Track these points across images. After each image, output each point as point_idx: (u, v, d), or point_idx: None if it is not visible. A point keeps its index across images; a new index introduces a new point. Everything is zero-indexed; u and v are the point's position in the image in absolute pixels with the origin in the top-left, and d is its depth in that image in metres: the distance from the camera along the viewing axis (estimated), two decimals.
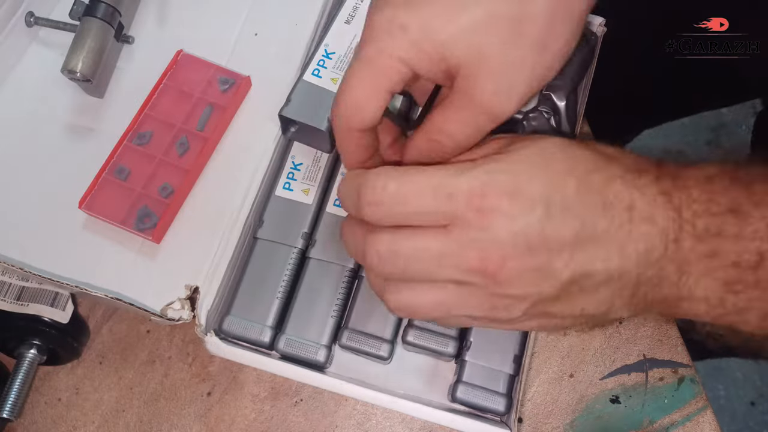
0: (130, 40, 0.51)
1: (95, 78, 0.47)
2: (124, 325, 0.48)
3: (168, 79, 0.49)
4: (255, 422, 0.46)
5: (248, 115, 0.50)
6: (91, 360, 0.47)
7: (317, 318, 0.42)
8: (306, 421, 0.46)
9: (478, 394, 0.41)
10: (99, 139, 0.48)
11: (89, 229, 0.46)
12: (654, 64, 0.61)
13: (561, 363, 0.47)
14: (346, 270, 0.43)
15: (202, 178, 0.48)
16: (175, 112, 0.48)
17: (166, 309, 0.43)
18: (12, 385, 0.44)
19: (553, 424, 0.45)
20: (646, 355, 0.47)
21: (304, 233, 0.44)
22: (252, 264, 0.44)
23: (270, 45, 0.52)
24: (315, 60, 0.45)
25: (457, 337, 0.42)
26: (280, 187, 0.46)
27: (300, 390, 0.46)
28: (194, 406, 0.46)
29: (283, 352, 0.42)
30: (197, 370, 0.47)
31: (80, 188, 0.45)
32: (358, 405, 0.46)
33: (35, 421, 0.46)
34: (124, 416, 0.46)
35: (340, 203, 0.34)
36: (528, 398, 0.46)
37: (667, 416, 0.46)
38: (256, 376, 0.46)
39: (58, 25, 0.50)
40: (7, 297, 0.45)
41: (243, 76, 0.49)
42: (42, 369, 0.46)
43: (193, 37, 0.52)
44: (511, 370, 0.41)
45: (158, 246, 0.46)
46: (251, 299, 0.43)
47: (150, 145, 0.47)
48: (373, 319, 0.42)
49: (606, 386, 0.46)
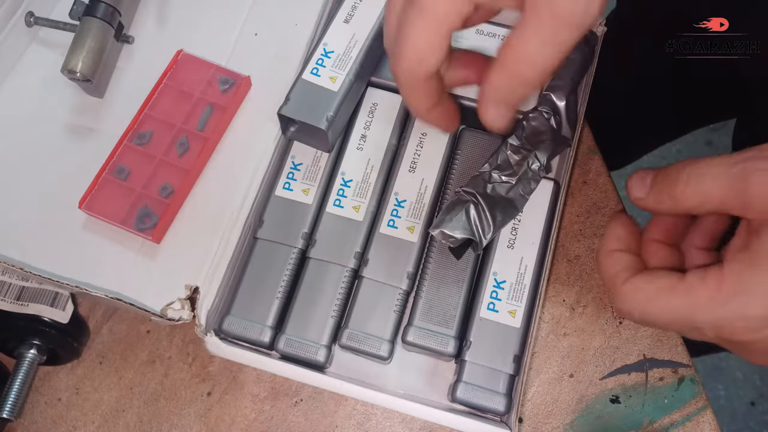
0: (130, 40, 0.51)
1: (95, 78, 0.47)
2: (124, 325, 0.48)
3: (168, 79, 0.49)
4: (255, 422, 0.46)
5: (248, 115, 0.50)
6: (91, 360, 0.47)
7: (317, 318, 0.42)
8: (306, 421, 0.46)
9: (478, 394, 0.41)
10: (99, 139, 0.48)
11: (89, 229, 0.46)
12: (654, 64, 0.61)
13: (561, 363, 0.47)
14: (346, 270, 0.43)
15: (202, 178, 0.48)
16: (175, 112, 0.48)
17: (166, 309, 0.43)
18: (12, 385, 0.44)
19: (553, 424, 0.45)
20: (646, 355, 0.47)
21: (304, 233, 0.44)
22: (252, 264, 0.44)
23: (270, 45, 0.52)
24: (314, 59, 0.45)
25: (456, 337, 0.42)
26: (280, 187, 0.46)
27: (300, 390, 0.46)
28: (194, 406, 0.46)
29: (283, 352, 0.42)
30: (197, 370, 0.47)
31: (80, 188, 0.45)
32: (358, 405, 0.46)
33: (35, 421, 0.46)
34: (124, 416, 0.46)
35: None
36: (528, 398, 0.46)
37: (667, 416, 0.46)
38: (256, 376, 0.46)
39: (58, 25, 0.50)
40: (7, 297, 0.45)
41: (243, 76, 0.49)
42: (42, 369, 0.46)
43: (193, 37, 0.52)
44: (512, 370, 0.41)
45: (158, 246, 0.46)
46: (251, 299, 0.43)
47: (150, 145, 0.47)
48: (373, 319, 0.42)
49: (606, 386, 0.46)
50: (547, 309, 0.48)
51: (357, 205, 0.45)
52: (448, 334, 0.42)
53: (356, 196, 0.45)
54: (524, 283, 0.43)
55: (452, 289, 0.43)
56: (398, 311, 0.43)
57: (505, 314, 0.42)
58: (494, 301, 0.43)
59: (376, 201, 0.45)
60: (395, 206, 0.45)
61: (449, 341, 0.42)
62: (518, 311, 0.42)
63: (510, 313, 0.42)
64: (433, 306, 0.43)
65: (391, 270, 0.43)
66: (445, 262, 0.44)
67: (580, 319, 0.48)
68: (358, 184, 0.45)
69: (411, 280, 0.43)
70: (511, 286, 0.43)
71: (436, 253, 0.44)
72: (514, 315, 0.42)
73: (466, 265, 0.44)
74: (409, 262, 0.43)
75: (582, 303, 0.48)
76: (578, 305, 0.48)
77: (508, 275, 0.43)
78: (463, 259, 0.43)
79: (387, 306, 0.43)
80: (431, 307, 0.43)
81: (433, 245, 0.44)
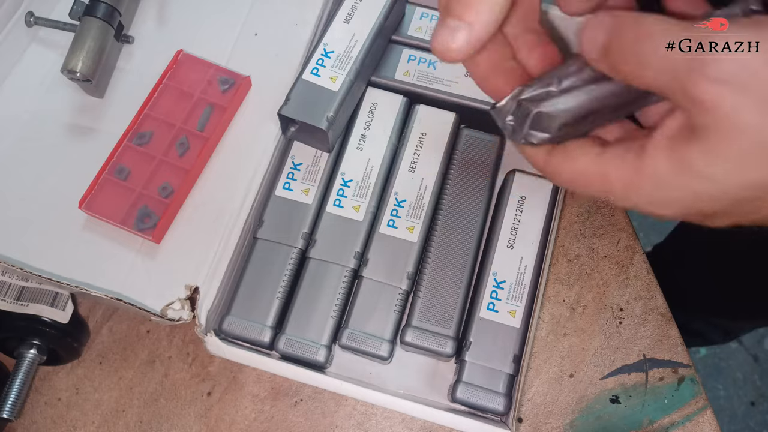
0: (130, 40, 0.51)
1: (95, 78, 0.47)
2: (124, 325, 0.48)
3: (168, 79, 0.49)
4: (255, 422, 0.46)
5: (248, 115, 0.50)
6: (91, 360, 0.47)
7: (317, 318, 0.42)
8: (306, 421, 0.46)
9: (477, 394, 0.41)
10: (99, 139, 0.48)
11: (89, 229, 0.46)
12: None
13: (561, 363, 0.47)
14: (346, 270, 0.43)
15: (202, 178, 0.48)
16: (175, 112, 0.48)
17: (166, 309, 0.43)
18: (12, 385, 0.44)
19: (553, 424, 0.45)
20: (646, 355, 0.47)
21: (304, 233, 0.44)
22: (252, 264, 0.44)
23: (270, 45, 0.52)
24: (314, 59, 0.45)
25: (455, 337, 0.42)
26: (280, 187, 0.46)
27: (300, 390, 0.46)
28: (194, 406, 0.46)
29: (283, 352, 0.42)
30: (197, 370, 0.47)
31: (80, 188, 0.45)
32: (358, 405, 0.46)
33: (35, 421, 0.46)
34: (124, 416, 0.46)
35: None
36: (528, 398, 0.46)
37: (667, 416, 0.46)
38: (256, 376, 0.46)
39: (58, 25, 0.50)
40: (7, 297, 0.45)
41: (243, 76, 0.49)
42: (42, 369, 0.46)
43: (193, 37, 0.52)
44: (511, 370, 0.41)
45: (158, 246, 0.46)
46: (251, 299, 0.43)
47: (150, 145, 0.47)
48: (373, 319, 0.42)
49: (606, 386, 0.46)
50: (547, 309, 0.48)
51: (357, 205, 0.45)
52: (447, 334, 0.42)
53: (356, 196, 0.45)
54: (524, 283, 0.43)
55: (450, 289, 0.43)
56: (398, 311, 0.43)
57: (505, 314, 0.42)
58: (494, 301, 0.43)
59: (376, 201, 0.45)
60: (395, 206, 0.45)
61: (447, 342, 0.42)
62: (518, 311, 0.42)
63: (510, 313, 0.42)
64: (431, 306, 0.43)
65: (390, 270, 0.43)
66: (444, 263, 0.44)
67: (580, 319, 0.48)
68: (358, 184, 0.45)
69: (411, 279, 0.43)
70: (511, 286, 0.43)
71: (435, 253, 0.44)
72: (514, 315, 0.42)
73: (464, 265, 0.44)
74: (409, 262, 0.43)
75: (582, 303, 0.48)
76: (578, 305, 0.48)
77: (508, 275, 0.43)
78: (462, 259, 0.43)
79: (387, 306, 0.43)
80: (429, 308, 0.43)
81: (432, 245, 0.44)
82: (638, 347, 0.47)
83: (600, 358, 0.47)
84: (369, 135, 0.47)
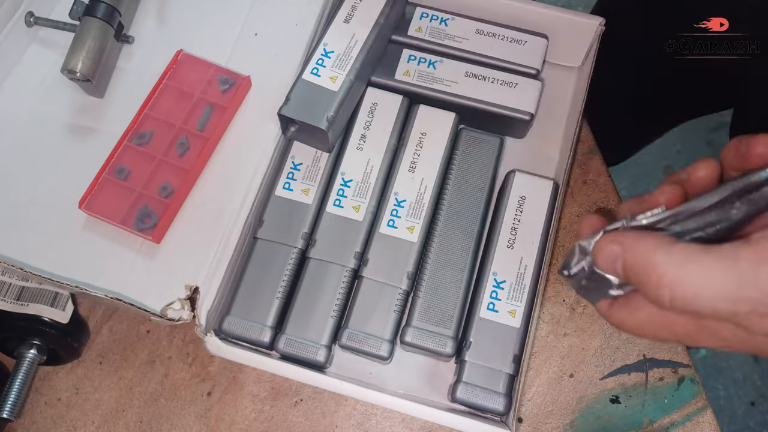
0: (130, 40, 0.51)
1: (95, 78, 0.47)
2: (124, 325, 0.48)
3: (168, 79, 0.49)
4: (255, 422, 0.46)
5: (248, 115, 0.50)
6: (91, 360, 0.47)
7: (317, 318, 0.42)
8: (306, 421, 0.46)
9: (477, 394, 0.41)
10: (99, 139, 0.48)
11: (89, 229, 0.46)
12: (654, 64, 0.61)
13: (561, 363, 0.47)
14: (346, 270, 0.43)
15: (202, 178, 0.48)
16: (175, 112, 0.48)
17: (166, 309, 0.43)
18: (12, 385, 0.44)
19: (553, 424, 0.45)
20: (646, 355, 0.47)
21: (304, 233, 0.44)
22: (252, 264, 0.44)
23: (270, 45, 0.52)
24: (314, 59, 0.45)
25: (455, 337, 0.42)
26: (280, 187, 0.46)
27: (300, 390, 0.46)
28: (194, 406, 0.46)
29: (283, 352, 0.42)
30: (197, 370, 0.47)
31: (80, 188, 0.45)
32: (358, 405, 0.46)
33: (35, 421, 0.46)
34: (124, 416, 0.46)
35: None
36: (528, 398, 0.46)
37: (667, 416, 0.46)
38: (256, 376, 0.46)
39: (58, 25, 0.50)
40: (7, 297, 0.45)
41: (243, 76, 0.49)
42: (42, 369, 0.46)
43: (193, 37, 0.52)
44: (511, 370, 0.41)
45: (158, 246, 0.46)
46: (251, 299, 0.43)
47: (150, 145, 0.47)
48: (373, 319, 0.42)
49: (606, 386, 0.46)
50: (547, 309, 0.48)
51: (357, 205, 0.45)
52: (447, 334, 0.42)
53: (356, 196, 0.45)
54: (524, 283, 0.43)
55: (450, 289, 0.43)
56: (398, 311, 0.43)
57: (505, 314, 0.42)
58: (494, 301, 0.43)
59: (376, 201, 0.45)
60: (395, 206, 0.45)
61: (447, 341, 0.42)
62: (518, 311, 0.42)
63: (510, 313, 0.42)
64: (431, 306, 0.43)
65: (390, 270, 0.43)
66: (444, 263, 0.44)
67: (580, 319, 0.48)
68: (358, 184, 0.45)
69: (411, 279, 0.43)
70: (511, 285, 0.43)
71: (434, 253, 0.44)
72: (514, 315, 0.42)
73: (464, 265, 0.44)
74: (409, 262, 0.43)
75: (582, 303, 0.48)
76: (578, 305, 0.48)
77: (508, 275, 0.43)
78: (462, 259, 0.43)
79: (387, 306, 0.43)
80: (429, 308, 0.43)
81: (432, 245, 0.44)
82: (638, 347, 0.47)
83: (600, 358, 0.47)
84: (369, 135, 0.47)
